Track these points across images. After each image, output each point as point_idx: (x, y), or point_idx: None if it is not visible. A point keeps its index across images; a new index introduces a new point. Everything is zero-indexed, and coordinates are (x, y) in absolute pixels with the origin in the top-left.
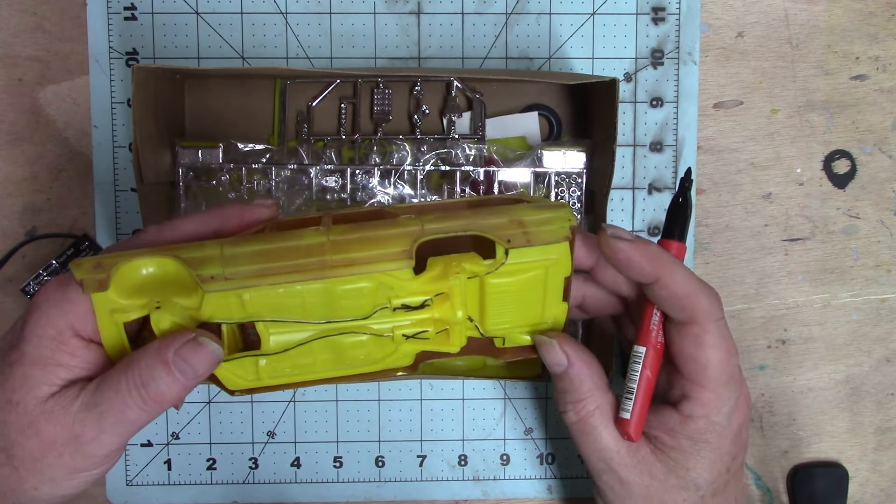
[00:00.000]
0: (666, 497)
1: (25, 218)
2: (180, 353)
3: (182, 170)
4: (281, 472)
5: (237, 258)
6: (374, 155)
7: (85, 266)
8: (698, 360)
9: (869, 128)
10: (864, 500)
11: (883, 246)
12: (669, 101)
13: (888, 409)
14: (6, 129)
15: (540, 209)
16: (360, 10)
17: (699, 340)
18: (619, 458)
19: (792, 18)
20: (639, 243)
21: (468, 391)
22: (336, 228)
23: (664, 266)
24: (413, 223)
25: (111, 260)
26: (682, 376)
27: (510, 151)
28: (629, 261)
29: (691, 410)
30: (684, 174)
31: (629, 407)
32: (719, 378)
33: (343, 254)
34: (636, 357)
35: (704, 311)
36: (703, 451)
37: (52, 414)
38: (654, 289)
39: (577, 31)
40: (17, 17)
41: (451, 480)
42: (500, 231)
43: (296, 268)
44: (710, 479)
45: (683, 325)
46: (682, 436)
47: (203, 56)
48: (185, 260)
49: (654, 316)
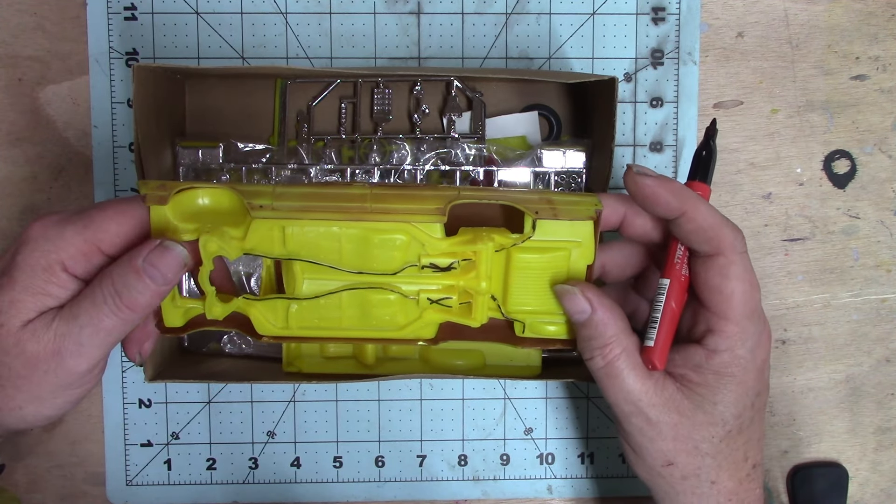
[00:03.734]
0: (694, 433)
1: (25, 218)
2: (149, 259)
3: (182, 170)
4: (281, 472)
5: (287, 195)
6: (374, 154)
7: (151, 185)
8: (723, 291)
9: (869, 128)
10: (864, 500)
11: (883, 246)
12: (669, 101)
13: (888, 409)
14: (6, 129)
15: (569, 194)
16: (360, 10)
17: (724, 272)
18: (646, 399)
19: (792, 18)
20: (664, 179)
21: (468, 391)
22: (378, 187)
23: (689, 200)
24: (450, 190)
25: (174, 184)
26: (706, 310)
27: (510, 151)
28: (655, 196)
29: (716, 344)
30: (710, 123)
31: (653, 335)
32: (744, 311)
33: (383, 203)
34: (661, 289)
35: (729, 243)
36: (729, 384)
37: (35, 332)
38: (680, 223)
39: (577, 31)
40: (17, 17)
41: (451, 480)
42: (529, 204)
43: (338, 209)
44: (737, 412)
45: (709, 258)
46: (708, 371)
47: (203, 56)
48: (241, 192)
49: (679, 249)
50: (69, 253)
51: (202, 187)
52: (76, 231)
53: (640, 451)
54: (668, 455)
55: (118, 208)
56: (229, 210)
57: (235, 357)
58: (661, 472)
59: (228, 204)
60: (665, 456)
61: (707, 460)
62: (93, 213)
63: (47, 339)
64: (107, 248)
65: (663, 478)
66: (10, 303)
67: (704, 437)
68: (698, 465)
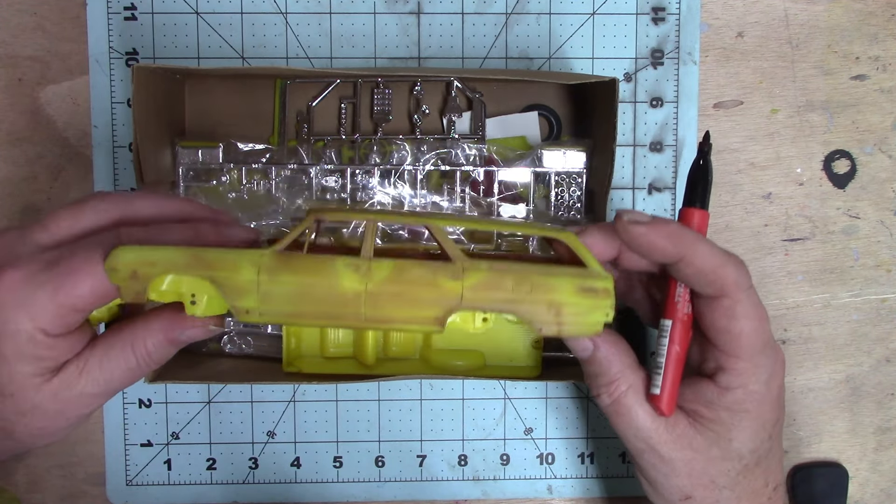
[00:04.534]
0: (710, 468)
1: (25, 218)
2: (188, 335)
3: (182, 170)
4: (281, 472)
5: (273, 297)
6: (374, 155)
7: (121, 272)
8: (731, 331)
9: (869, 128)
10: (864, 500)
11: (883, 246)
12: (669, 101)
13: (888, 409)
14: (6, 129)
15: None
16: (360, 10)
17: (731, 312)
18: (657, 436)
19: (792, 18)
20: (658, 224)
21: (468, 391)
22: (376, 270)
23: (687, 244)
24: (453, 287)
25: (146, 269)
26: (715, 348)
27: (510, 151)
28: (651, 244)
29: (728, 382)
30: (703, 138)
31: (659, 382)
32: (754, 347)
33: (378, 310)
34: (663, 331)
35: (733, 283)
36: (743, 420)
37: (54, 396)
38: (678, 267)
39: (577, 31)
40: (17, 17)
41: (451, 480)
42: (535, 317)
43: (330, 315)
44: (753, 447)
45: (713, 299)
46: (721, 407)
47: (203, 56)
48: (222, 285)
49: (679, 288)
50: (46, 319)
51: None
52: (48, 296)
53: (656, 486)
54: (685, 490)
55: (86, 269)
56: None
57: (235, 357)
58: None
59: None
60: (682, 491)
61: (725, 492)
62: (62, 271)
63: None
64: (83, 307)
65: None
66: (10, 377)
67: (720, 471)
68: (716, 497)
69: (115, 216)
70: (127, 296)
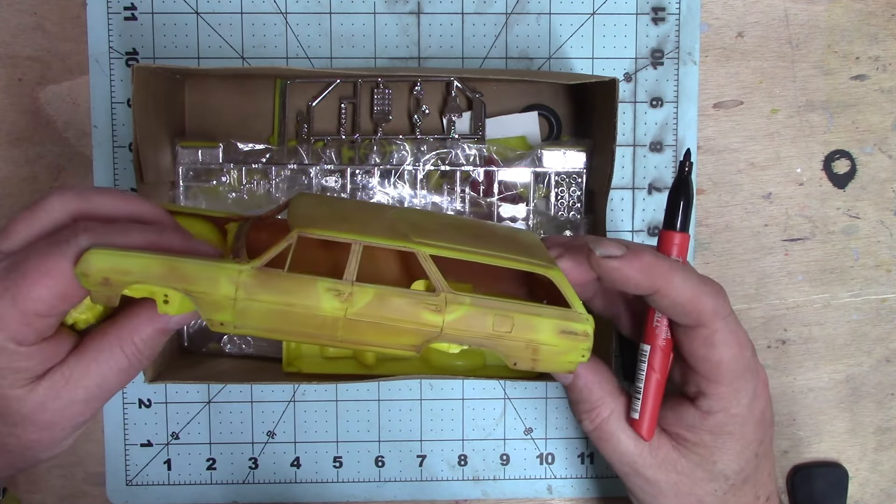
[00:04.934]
0: (696, 489)
1: None
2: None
3: (182, 170)
4: (281, 472)
5: (250, 313)
6: (374, 155)
7: (93, 278)
8: (710, 359)
9: (869, 128)
10: (864, 500)
11: (883, 246)
12: (669, 101)
13: (888, 409)
14: (6, 129)
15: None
16: (360, 10)
17: (709, 342)
18: (641, 460)
19: (792, 18)
20: (631, 257)
21: (468, 391)
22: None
23: (661, 276)
24: (434, 320)
25: (118, 278)
26: (695, 373)
27: (510, 151)
28: (625, 279)
29: (710, 406)
30: (683, 156)
31: (638, 407)
32: (734, 372)
33: (356, 334)
34: (642, 356)
35: (710, 312)
36: (727, 443)
37: (42, 406)
38: (654, 299)
39: (577, 31)
40: (17, 17)
41: (451, 480)
42: (512, 354)
43: (306, 335)
44: (738, 468)
45: (691, 328)
46: (704, 431)
47: (203, 56)
48: (198, 299)
49: (657, 314)
50: (13, 328)
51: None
52: (8, 305)
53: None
54: None
55: (42, 270)
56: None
57: (235, 357)
58: None
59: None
60: None
61: None
62: (17, 277)
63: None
64: (47, 311)
65: None
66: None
67: (707, 492)
68: None
69: (72, 211)
70: (97, 300)
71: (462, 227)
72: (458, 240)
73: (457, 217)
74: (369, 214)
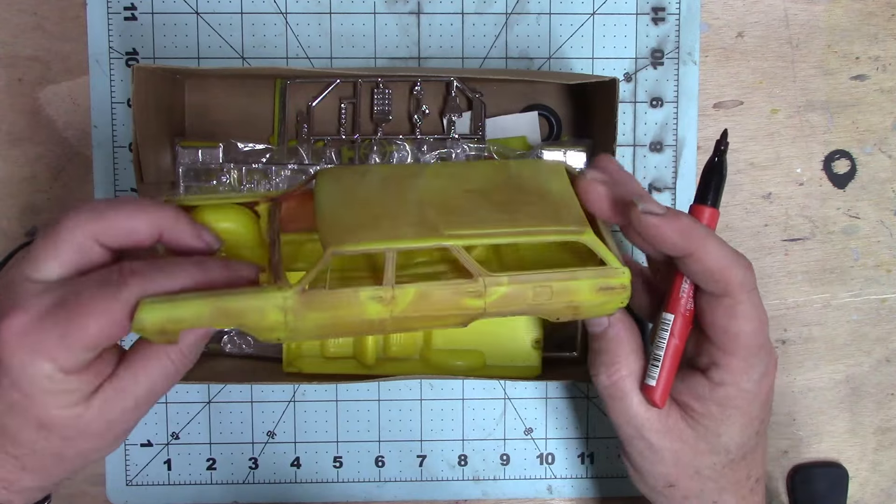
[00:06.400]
0: (696, 461)
1: (25, 218)
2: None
3: (182, 170)
4: (281, 472)
5: (301, 329)
6: (374, 155)
7: (149, 331)
8: (730, 330)
9: (869, 128)
10: (864, 500)
11: (883, 246)
12: (669, 101)
13: (888, 409)
14: (6, 129)
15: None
16: (360, 10)
17: (732, 312)
18: (649, 425)
19: (792, 18)
20: (671, 217)
21: (468, 391)
22: (400, 297)
23: (697, 240)
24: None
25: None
26: (711, 343)
27: (510, 151)
28: (661, 237)
29: (721, 378)
30: (720, 136)
31: (655, 374)
32: (750, 348)
33: (403, 325)
34: (664, 324)
35: (738, 283)
36: (732, 416)
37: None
38: (686, 262)
39: (577, 31)
40: (17, 17)
41: (451, 480)
42: (554, 313)
43: (357, 333)
44: (740, 442)
45: (716, 297)
46: (712, 402)
47: (203, 56)
48: (251, 329)
49: (684, 283)
50: (61, 360)
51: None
52: (57, 340)
53: (642, 472)
54: (670, 478)
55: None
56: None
57: (235, 357)
58: (662, 492)
59: None
60: (666, 479)
61: (709, 483)
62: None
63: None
64: (95, 346)
65: (665, 497)
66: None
67: (706, 464)
68: (700, 487)
69: (92, 234)
70: (158, 342)
71: (489, 191)
72: (487, 215)
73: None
74: (395, 199)
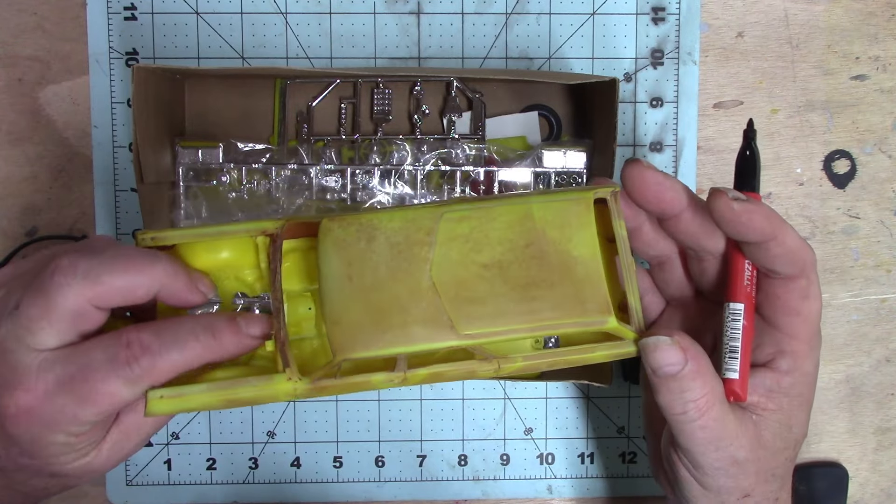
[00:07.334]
0: (773, 462)
1: (25, 218)
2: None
3: (182, 170)
4: (281, 472)
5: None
6: (374, 155)
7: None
8: (802, 312)
9: (869, 128)
10: (864, 500)
11: (883, 246)
12: (669, 101)
13: (888, 409)
14: (6, 129)
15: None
16: (360, 10)
17: (805, 293)
18: (737, 441)
19: (792, 18)
20: (755, 204)
21: (468, 391)
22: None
23: (779, 223)
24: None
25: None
26: (776, 331)
27: (510, 151)
28: (751, 222)
29: (788, 365)
30: (747, 125)
31: (735, 366)
32: (814, 329)
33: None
34: (735, 314)
35: (812, 263)
36: (801, 405)
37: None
38: (767, 246)
39: (577, 31)
40: (17, 17)
41: (451, 480)
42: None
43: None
44: (805, 431)
45: (789, 280)
46: (781, 394)
47: (203, 56)
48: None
49: (748, 271)
50: (73, 428)
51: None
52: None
53: (716, 489)
54: (748, 489)
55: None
56: None
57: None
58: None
59: None
60: (744, 490)
61: (777, 482)
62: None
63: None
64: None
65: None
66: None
67: (780, 462)
68: (771, 489)
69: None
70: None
71: (509, 264)
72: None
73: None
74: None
